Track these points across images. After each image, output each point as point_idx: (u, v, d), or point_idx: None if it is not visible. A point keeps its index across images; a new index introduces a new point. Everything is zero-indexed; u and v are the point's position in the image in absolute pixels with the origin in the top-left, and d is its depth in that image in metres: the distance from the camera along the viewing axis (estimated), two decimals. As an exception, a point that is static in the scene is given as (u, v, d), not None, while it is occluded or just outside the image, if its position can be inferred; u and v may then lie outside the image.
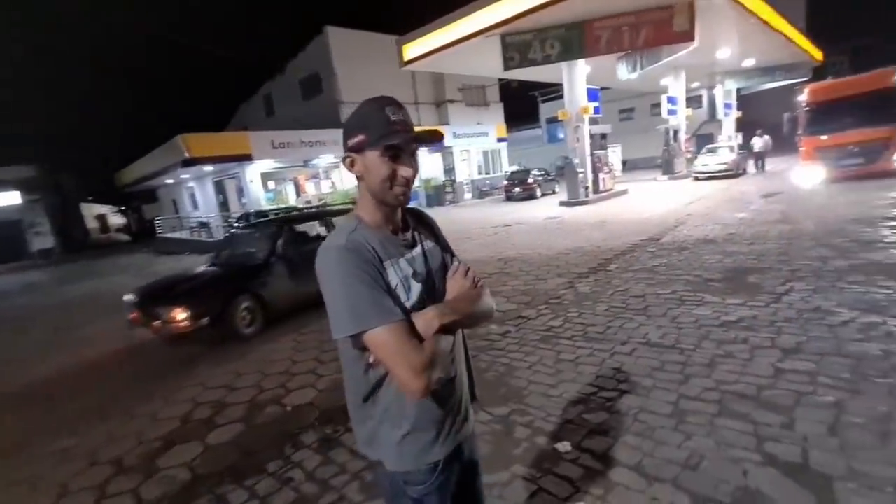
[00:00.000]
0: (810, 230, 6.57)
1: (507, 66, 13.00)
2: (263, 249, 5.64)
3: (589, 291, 5.17)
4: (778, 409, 2.47)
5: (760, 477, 2.02)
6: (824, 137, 11.10)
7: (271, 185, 18.91)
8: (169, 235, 20.11)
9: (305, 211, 9.34)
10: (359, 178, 1.04)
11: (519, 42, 12.52)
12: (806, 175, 11.55)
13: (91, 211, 37.16)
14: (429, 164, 22.21)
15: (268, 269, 5.44)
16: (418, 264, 1.07)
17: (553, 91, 31.64)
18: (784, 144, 15.78)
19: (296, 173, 19.66)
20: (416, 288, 1.03)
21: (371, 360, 1.00)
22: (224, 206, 18.96)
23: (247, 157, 15.63)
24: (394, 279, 1.00)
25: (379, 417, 1.06)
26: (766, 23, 13.45)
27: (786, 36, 15.50)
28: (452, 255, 1.19)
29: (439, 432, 1.07)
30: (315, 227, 6.63)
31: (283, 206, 15.78)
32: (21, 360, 5.70)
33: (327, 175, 20.24)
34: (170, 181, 21.22)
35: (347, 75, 19.99)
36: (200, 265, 6.22)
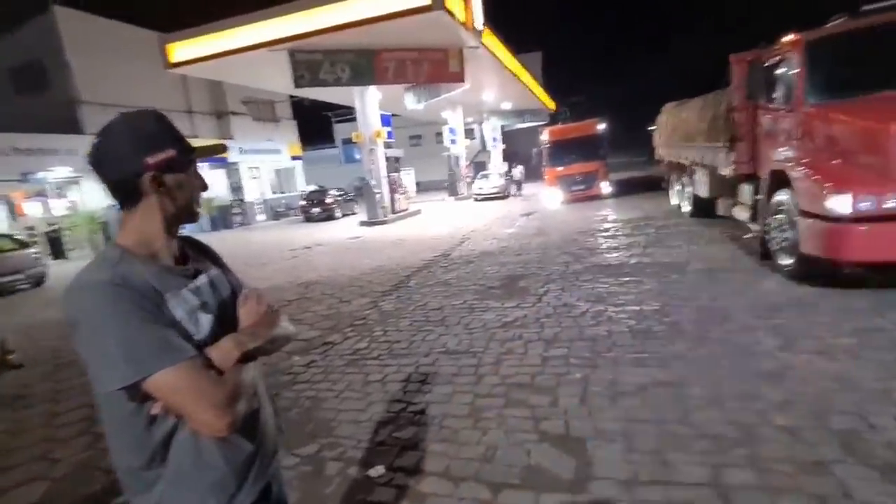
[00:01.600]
0: (556, 241, 8.31)
1: (298, 84, 12.64)
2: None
3: (392, 309, 5.33)
4: (546, 392, 2.98)
5: (539, 453, 2.38)
6: (560, 168, 14.46)
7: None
8: None
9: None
10: (161, 199, 0.93)
11: (309, 60, 12.33)
12: (550, 197, 14.73)
13: None
14: (211, 181, 19.60)
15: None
16: (205, 294, 0.97)
17: (347, 112, 32.19)
18: (535, 172, 19.82)
19: (8, 190, 14.64)
20: (206, 319, 0.93)
21: (154, 411, 0.83)
22: None
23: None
24: (178, 312, 0.89)
25: (171, 479, 0.87)
26: (514, 75, 16.71)
27: (529, 88, 19.61)
28: (239, 281, 1.12)
29: (248, 474, 0.95)
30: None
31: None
32: None
33: (62, 193, 15.71)
34: None
35: (88, 69, 16.13)
36: None
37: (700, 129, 7.30)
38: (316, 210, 18.08)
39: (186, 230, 1.04)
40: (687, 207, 8.88)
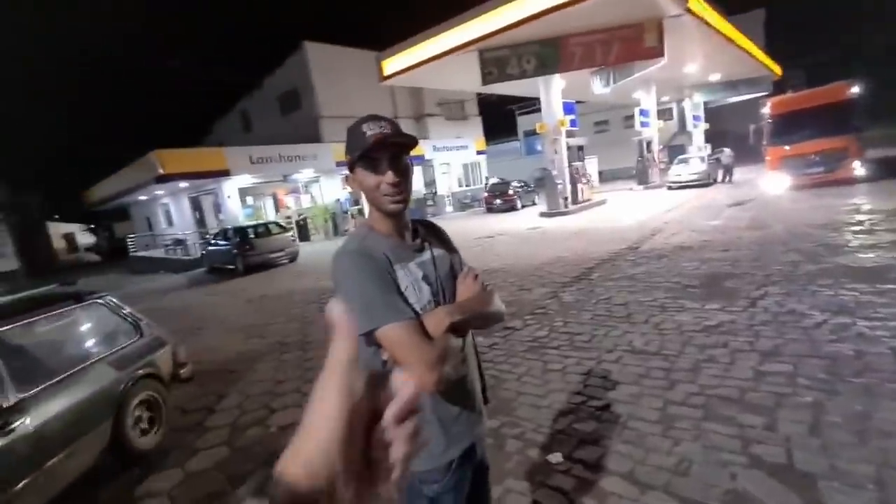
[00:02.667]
0: (780, 236, 6.82)
1: (486, 81, 13.24)
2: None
3: (573, 301, 5.23)
4: (761, 411, 2.53)
5: (748, 479, 2.05)
6: (787, 147, 11.65)
7: (249, 200, 18.63)
8: (143, 254, 19.51)
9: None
10: (360, 190, 1.11)
11: (496, 57, 12.79)
12: (772, 183, 12.06)
13: (58, 230, 35.80)
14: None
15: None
16: (427, 268, 1.12)
17: (530, 104, 32.31)
18: (750, 154, 16.46)
19: (275, 188, 19.43)
20: (426, 290, 1.09)
21: (384, 357, 1.04)
22: (201, 222, 18.55)
23: (224, 173, 15.38)
24: (404, 281, 1.06)
25: None
26: (728, 39, 14.11)
27: (747, 52, 16.30)
28: (462, 262, 1.24)
29: (453, 431, 1.10)
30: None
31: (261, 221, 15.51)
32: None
33: (307, 189, 20.06)
34: (143, 198, 20.67)
35: (326, 90, 20.01)
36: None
37: None
38: (498, 201, 18.78)
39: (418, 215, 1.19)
40: None
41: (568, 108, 14.58)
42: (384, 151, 1.04)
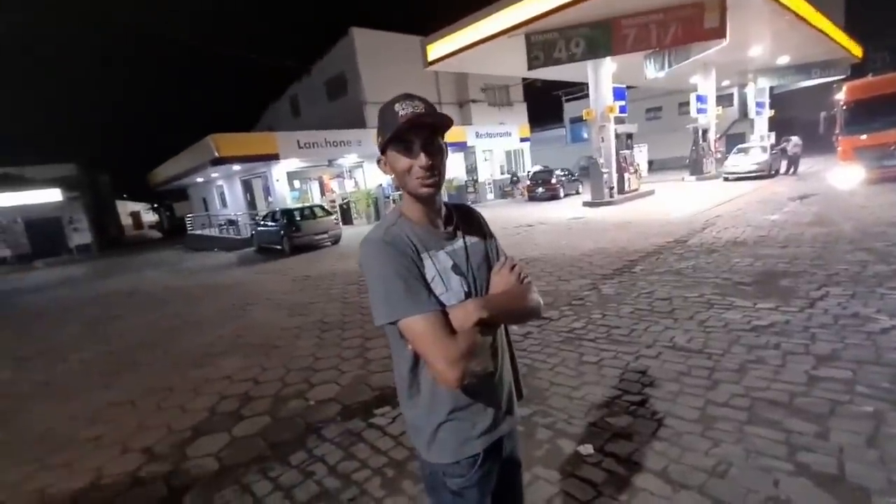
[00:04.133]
0: (848, 233, 6.29)
1: (532, 66, 12.90)
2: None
3: (613, 293, 5.08)
4: (812, 418, 2.38)
5: (793, 487, 1.95)
6: (864, 137, 10.65)
7: (297, 183, 19.26)
8: (199, 232, 20.72)
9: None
10: (393, 178, 1.07)
11: (543, 41, 12.40)
12: (844, 176, 11.09)
13: (125, 208, 38.67)
14: (451, 164, 22.27)
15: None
16: (459, 258, 1.07)
17: (578, 90, 31.25)
18: (819, 144, 15.17)
19: (320, 172, 19.97)
20: (456, 280, 1.03)
21: (409, 347, 1.01)
22: (251, 204, 19.43)
23: (274, 157, 15.98)
24: (431, 271, 1.01)
25: (420, 403, 1.06)
26: (802, 18, 12.95)
27: (823, 32, 14.89)
28: (500, 251, 1.18)
29: (478, 425, 1.06)
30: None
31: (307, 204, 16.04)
32: (56, 350, 5.97)
33: (351, 174, 20.49)
34: (200, 180, 21.86)
35: (372, 76, 20.20)
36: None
37: None
38: (540, 190, 18.42)
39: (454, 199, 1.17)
40: None
41: (618, 94, 13.97)
42: (417, 132, 0.99)
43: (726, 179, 16.33)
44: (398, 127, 0.96)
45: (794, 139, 16.16)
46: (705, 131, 18.53)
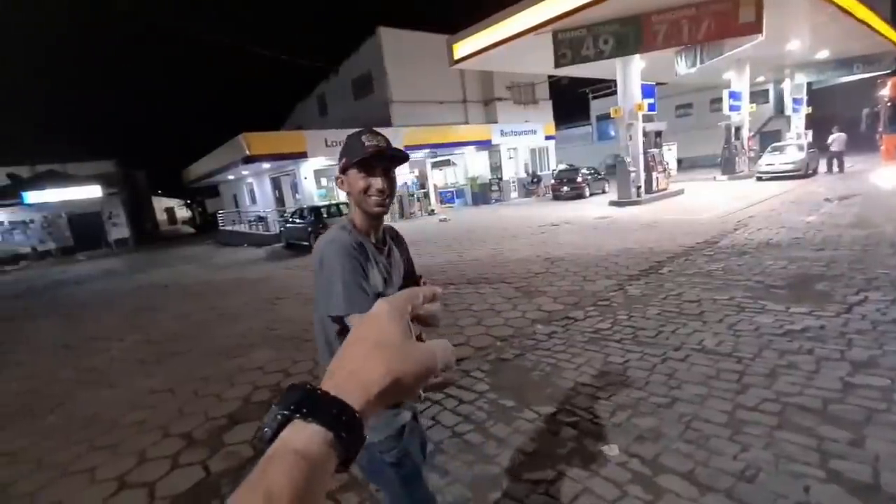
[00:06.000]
0: (891, 236, 6.04)
1: (559, 64, 12.78)
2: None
3: (639, 294, 5.03)
4: (846, 426, 2.34)
5: (823, 494, 1.92)
6: (911, 135, 10.15)
7: (323, 181, 19.63)
8: (230, 228, 21.36)
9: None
10: (348, 195, 1.29)
11: (571, 38, 12.27)
12: (887, 176, 10.59)
13: (160, 204, 40.15)
14: (475, 162, 22.24)
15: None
16: (387, 269, 1.34)
17: (605, 87, 30.69)
18: (861, 142, 14.47)
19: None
20: (390, 289, 1.28)
21: None
22: (280, 201, 19.90)
23: (302, 155, 16.32)
24: (373, 277, 1.25)
25: None
26: (846, 11, 12.39)
27: (868, 25, 14.19)
28: (413, 268, 1.48)
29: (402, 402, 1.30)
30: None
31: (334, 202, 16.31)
32: (100, 338, 6.31)
33: (375, 173, 20.68)
34: (231, 177, 22.52)
35: (398, 75, 20.34)
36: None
37: None
38: (565, 188, 18.22)
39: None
40: None
41: (647, 92, 13.70)
42: (379, 160, 1.22)
43: (760, 179, 15.78)
44: (366, 153, 1.19)
45: (840, 136, 15.02)
46: (738, 129, 17.94)
